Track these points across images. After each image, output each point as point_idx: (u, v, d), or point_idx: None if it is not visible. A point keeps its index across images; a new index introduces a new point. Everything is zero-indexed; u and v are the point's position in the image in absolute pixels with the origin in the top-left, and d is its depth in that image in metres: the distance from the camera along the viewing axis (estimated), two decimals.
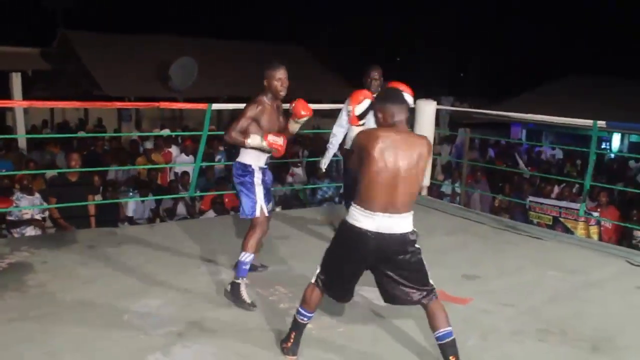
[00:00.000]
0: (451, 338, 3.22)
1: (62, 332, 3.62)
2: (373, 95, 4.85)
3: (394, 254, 3.20)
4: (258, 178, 4.30)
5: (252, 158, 4.30)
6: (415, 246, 3.26)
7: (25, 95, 10.04)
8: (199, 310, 4.00)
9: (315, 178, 9.71)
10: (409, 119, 3.37)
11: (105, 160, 9.89)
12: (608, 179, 10.79)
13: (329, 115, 17.44)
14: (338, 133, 5.42)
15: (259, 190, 4.27)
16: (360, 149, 3.18)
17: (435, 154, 9.74)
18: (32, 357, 3.35)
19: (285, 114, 4.46)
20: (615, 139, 18.56)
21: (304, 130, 6.05)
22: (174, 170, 9.82)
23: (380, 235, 3.14)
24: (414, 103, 5.52)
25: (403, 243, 3.20)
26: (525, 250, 5.73)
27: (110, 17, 26.85)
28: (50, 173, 7.94)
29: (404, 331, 3.83)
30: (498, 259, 5.38)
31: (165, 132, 12.50)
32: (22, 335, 3.58)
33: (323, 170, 5.69)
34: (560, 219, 7.69)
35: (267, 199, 4.35)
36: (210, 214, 7.75)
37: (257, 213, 4.23)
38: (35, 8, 25.25)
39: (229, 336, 3.66)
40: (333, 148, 5.47)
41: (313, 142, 13.04)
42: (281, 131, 4.35)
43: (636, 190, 8.88)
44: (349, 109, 4.89)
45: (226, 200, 8.19)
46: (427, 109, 7.15)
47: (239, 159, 4.35)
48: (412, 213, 3.25)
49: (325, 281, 3.39)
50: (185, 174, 8.90)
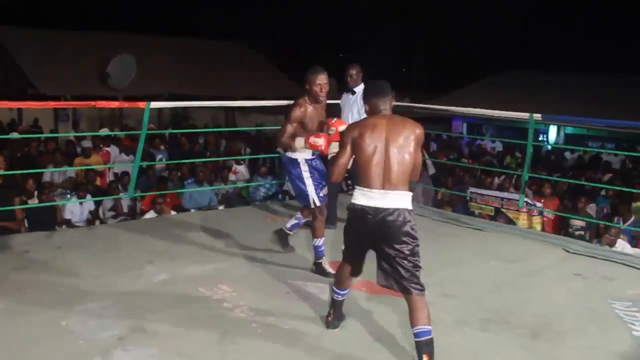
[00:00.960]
0: (429, 337, 3.28)
1: None
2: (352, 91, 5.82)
3: (390, 230, 3.32)
4: (306, 171, 4.65)
5: (298, 153, 4.64)
6: (413, 229, 3.36)
7: None
8: (140, 312, 3.91)
9: (258, 175, 9.67)
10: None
11: (41, 162, 9.58)
12: (548, 171, 11.10)
13: (272, 112, 17.41)
14: None
15: (309, 183, 4.64)
16: (352, 139, 3.43)
17: None
18: None
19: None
20: (552, 131, 19.10)
21: (247, 128, 6.02)
22: (113, 170, 9.61)
23: (378, 210, 3.32)
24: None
25: (401, 217, 3.33)
26: (467, 242, 5.82)
27: (43, 13, 26.04)
28: None
29: (349, 324, 3.84)
30: (440, 251, 5.44)
31: (104, 132, 12.21)
32: None
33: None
34: (502, 210, 7.85)
35: (320, 186, 4.69)
36: (152, 213, 7.60)
37: (315, 203, 4.63)
38: None
39: (171, 337, 3.59)
40: None
41: (255, 140, 12.98)
42: (323, 130, 4.61)
43: (571, 181, 9.15)
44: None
45: (167, 199, 8.05)
46: None
47: (287, 154, 4.71)
48: (409, 193, 3.39)
49: (347, 258, 3.64)
50: (125, 174, 8.71)
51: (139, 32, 20.33)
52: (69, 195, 8.09)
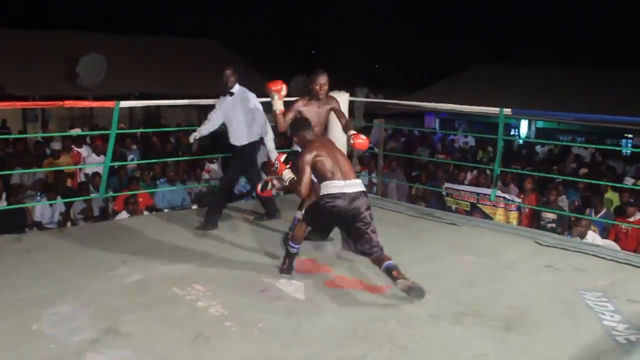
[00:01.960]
0: (393, 263, 4.25)
1: None
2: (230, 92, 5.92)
3: (360, 208, 4.35)
4: None
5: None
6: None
7: None
8: (114, 314, 3.86)
9: None
10: None
11: (9, 164, 9.41)
12: (520, 165, 11.22)
13: None
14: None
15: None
16: (311, 160, 4.40)
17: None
18: None
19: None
20: (523, 125, 19.32)
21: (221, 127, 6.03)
22: (84, 171, 9.49)
23: (348, 195, 4.32)
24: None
25: (365, 197, 4.44)
26: (441, 236, 5.86)
27: (10, 11, 25.58)
28: None
29: (323, 321, 3.84)
30: (415, 246, 5.47)
31: (75, 132, 12.05)
32: None
33: (191, 141, 6.39)
34: (477, 205, 7.91)
35: None
36: (124, 214, 7.53)
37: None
38: None
39: (145, 339, 3.56)
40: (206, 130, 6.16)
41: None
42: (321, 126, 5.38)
43: (544, 174, 9.25)
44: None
45: (140, 200, 7.98)
46: (340, 100, 7.14)
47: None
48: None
49: (312, 225, 4.63)
50: (96, 174, 8.60)
51: (108, 31, 20.07)
52: (38, 197, 7.96)
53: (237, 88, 5.91)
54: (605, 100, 14.92)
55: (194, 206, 8.46)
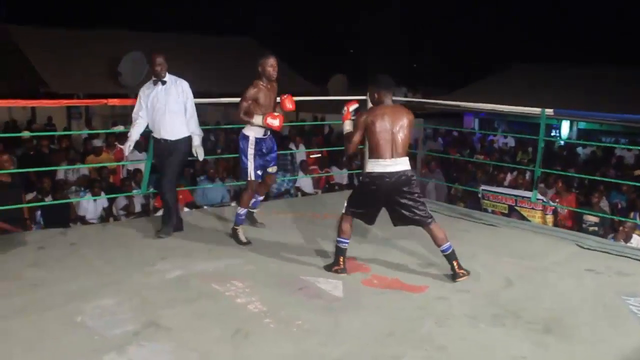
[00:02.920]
0: (451, 249, 4.56)
1: (13, 336, 3.52)
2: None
3: (402, 186, 4.45)
4: (252, 147, 5.29)
5: (251, 130, 5.30)
6: (414, 182, 4.57)
7: None
8: (155, 308, 3.94)
9: None
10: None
11: (54, 160, 9.64)
12: (560, 166, 11.05)
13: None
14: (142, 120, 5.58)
15: (251, 159, 5.29)
16: (365, 124, 4.47)
17: None
18: None
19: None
20: (565, 126, 18.99)
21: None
22: (126, 167, 9.65)
23: (391, 174, 4.43)
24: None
25: (407, 179, 4.49)
26: (480, 237, 5.81)
27: (55, 11, 26.17)
28: None
29: (361, 319, 3.84)
30: (453, 246, 5.42)
31: (118, 129, 12.25)
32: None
33: (126, 153, 5.73)
34: (516, 207, 7.81)
35: (263, 166, 5.41)
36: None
37: (249, 177, 5.32)
38: None
39: (185, 333, 3.61)
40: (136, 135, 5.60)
41: None
42: (275, 109, 5.37)
43: (584, 176, 9.10)
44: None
45: (180, 196, 8.08)
46: None
47: (242, 130, 5.38)
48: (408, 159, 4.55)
49: (354, 213, 4.65)
50: (137, 171, 8.75)
51: (150, 30, 20.39)
52: (82, 193, 8.14)
53: (169, 77, 5.49)
54: None
55: (233, 203, 8.53)
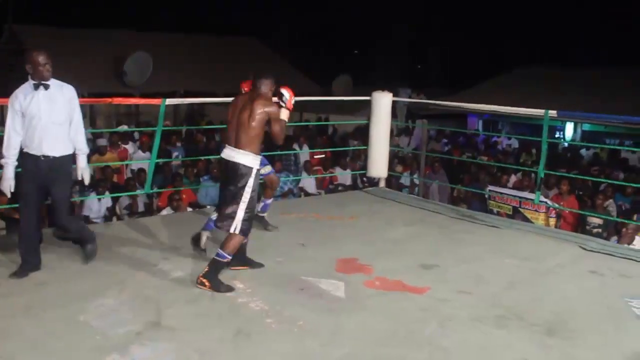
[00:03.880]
0: (226, 260, 4.30)
1: (17, 335, 3.53)
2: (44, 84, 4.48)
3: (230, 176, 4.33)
4: None
5: None
6: (244, 181, 4.28)
7: None
8: (157, 308, 3.94)
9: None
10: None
11: None
12: (564, 168, 11.01)
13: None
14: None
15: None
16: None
17: (394, 145, 9.81)
18: None
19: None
20: (569, 128, 18.94)
21: None
22: (130, 167, 9.67)
23: (223, 160, 4.38)
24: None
25: (235, 169, 4.29)
26: (483, 239, 5.80)
27: (61, 11, 26.23)
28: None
29: (363, 320, 3.85)
30: (455, 248, 5.44)
31: (122, 129, 12.29)
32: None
33: (8, 195, 4.66)
34: (520, 209, 7.79)
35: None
36: (168, 210, 7.65)
37: None
38: None
39: (187, 333, 3.62)
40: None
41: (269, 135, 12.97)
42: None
43: (589, 178, 9.08)
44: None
45: (184, 196, 8.10)
46: (383, 101, 7.19)
47: None
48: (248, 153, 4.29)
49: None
50: (141, 171, 8.76)
51: (155, 30, 20.44)
52: (86, 192, 8.15)
53: (53, 81, 4.53)
54: None
55: None
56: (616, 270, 4.95)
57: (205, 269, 4.28)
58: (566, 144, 16.64)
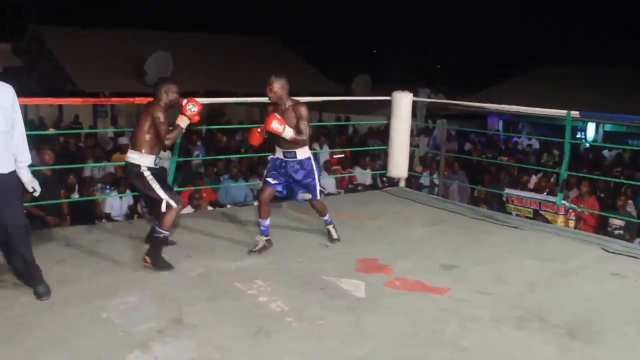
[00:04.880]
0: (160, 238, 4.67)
1: (40, 331, 3.57)
2: None
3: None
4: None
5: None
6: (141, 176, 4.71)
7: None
8: (178, 305, 3.97)
9: None
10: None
11: (81, 157, 9.77)
12: (586, 169, 10.91)
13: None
14: None
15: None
16: None
17: (413, 145, 9.77)
18: (11, 357, 3.31)
19: None
20: (590, 128, 18.78)
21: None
22: None
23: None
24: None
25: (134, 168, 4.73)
26: (503, 240, 5.77)
27: (82, 11, 26.49)
28: None
29: (383, 320, 3.84)
30: (476, 249, 5.41)
31: None
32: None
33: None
34: (540, 211, 7.72)
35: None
36: (189, 209, 7.71)
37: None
38: (5, 2, 24.82)
39: (208, 331, 3.65)
40: None
41: None
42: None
43: (611, 179, 8.98)
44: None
45: (204, 195, 8.15)
46: (404, 101, 7.19)
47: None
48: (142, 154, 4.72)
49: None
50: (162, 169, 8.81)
51: (175, 30, 20.56)
52: (108, 190, 8.24)
53: None
54: None
55: (256, 202, 8.56)
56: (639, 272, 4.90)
57: (148, 248, 4.72)
58: (587, 145, 16.49)
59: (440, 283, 4.47)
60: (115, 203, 8.16)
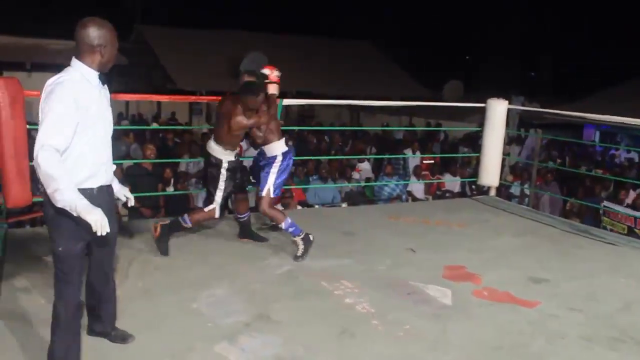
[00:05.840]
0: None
1: (135, 315, 3.75)
2: None
3: None
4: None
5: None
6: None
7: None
8: (265, 301, 4.07)
9: (383, 175, 9.69)
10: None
11: (177, 153, 10.14)
12: None
13: (397, 113, 17.40)
14: None
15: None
16: None
17: (504, 154, 9.58)
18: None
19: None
20: None
21: (372, 127, 6.07)
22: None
23: None
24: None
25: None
26: (597, 255, 5.56)
27: (185, 13, 27.45)
28: (126, 163, 8.22)
29: (469, 329, 3.80)
30: (568, 263, 5.25)
31: None
32: None
33: None
34: (635, 229, 7.39)
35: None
36: (278, 207, 7.84)
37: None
38: (114, 4, 26.08)
39: (294, 328, 3.72)
40: None
41: (380, 139, 13.03)
42: None
43: None
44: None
45: (293, 194, 8.28)
46: (498, 109, 7.05)
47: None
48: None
49: None
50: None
51: (269, 31, 20.96)
52: (200, 185, 8.50)
53: None
54: None
55: (344, 204, 8.64)
56: None
57: (167, 222, 4.93)
58: None
59: (529, 296, 4.37)
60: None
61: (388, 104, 9.15)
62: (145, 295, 4.09)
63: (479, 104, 7.29)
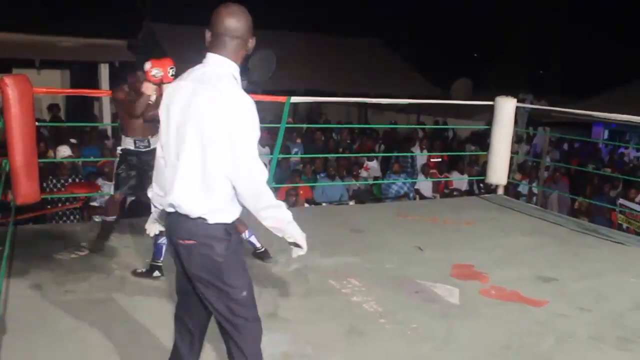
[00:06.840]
0: None
1: (146, 310, 3.78)
2: None
3: None
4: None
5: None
6: None
7: (112, 86, 10.44)
8: (273, 299, 4.08)
9: (391, 173, 9.67)
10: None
11: None
12: None
13: (405, 110, 17.33)
14: None
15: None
16: None
17: (513, 152, 9.55)
18: (119, 334, 3.51)
19: None
20: None
21: (382, 125, 6.06)
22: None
23: None
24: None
25: None
26: (607, 255, 5.54)
27: (193, 10, 27.46)
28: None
29: (477, 328, 3.79)
30: (576, 262, 5.23)
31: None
32: (109, 314, 3.76)
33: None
34: None
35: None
36: (283, 204, 7.84)
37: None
38: (124, 1, 26.15)
39: (301, 326, 3.73)
40: None
41: (389, 137, 13.01)
42: None
43: None
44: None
45: (300, 192, 8.28)
46: (507, 107, 7.03)
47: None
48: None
49: None
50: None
51: (278, 29, 20.94)
52: None
53: None
54: None
55: (351, 202, 8.63)
56: None
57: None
58: None
59: (537, 295, 4.36)
60: None
61: (395, 101, 9.09)
62: (155, 290, 4.11)
63: (488, 102, 7.27)
